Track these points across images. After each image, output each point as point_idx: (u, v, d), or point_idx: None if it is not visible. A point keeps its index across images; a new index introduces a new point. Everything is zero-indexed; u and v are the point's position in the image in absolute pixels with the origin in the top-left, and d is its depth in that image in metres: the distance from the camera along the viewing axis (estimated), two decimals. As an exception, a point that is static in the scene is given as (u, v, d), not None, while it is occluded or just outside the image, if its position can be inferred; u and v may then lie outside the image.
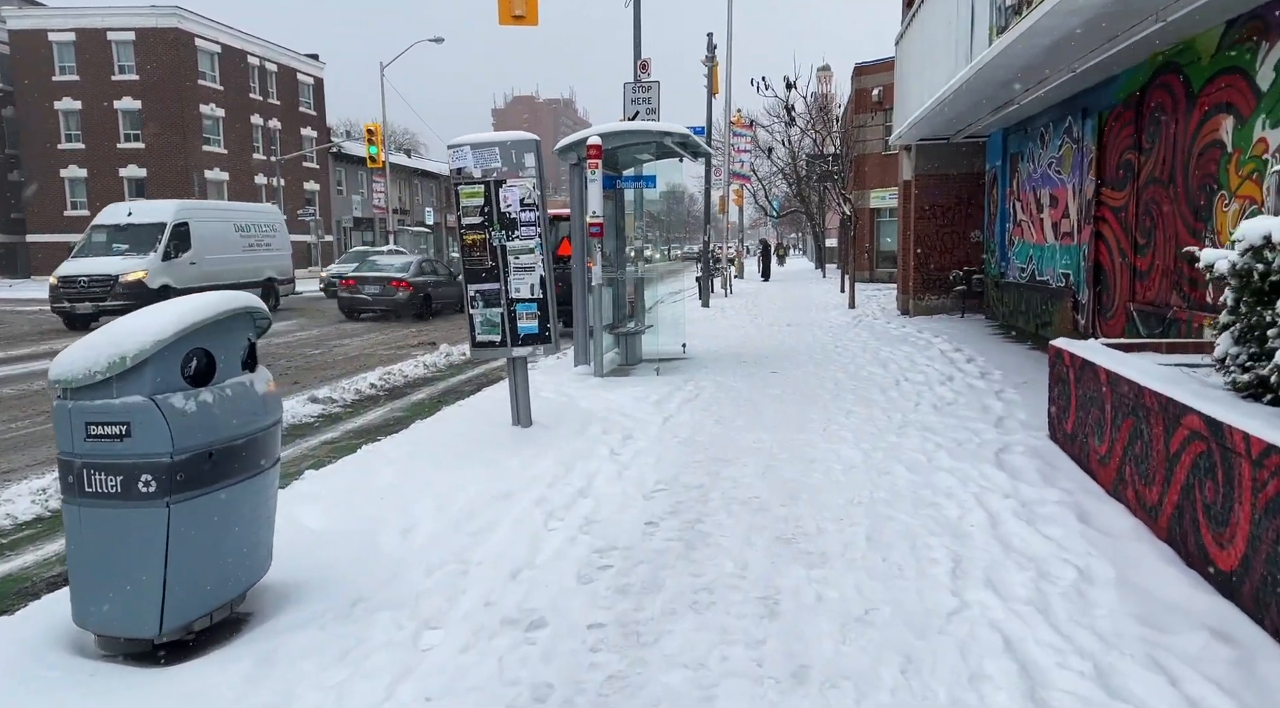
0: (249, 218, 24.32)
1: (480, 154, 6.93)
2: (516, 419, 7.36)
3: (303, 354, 14.34)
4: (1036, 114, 12.95)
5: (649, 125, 10.63)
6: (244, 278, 22.36)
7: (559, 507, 5.34)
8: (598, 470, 6.15)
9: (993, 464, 5.91)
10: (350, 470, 6.23)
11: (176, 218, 21.08)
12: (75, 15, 42.78)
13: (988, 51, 9.04)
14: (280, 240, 25.51)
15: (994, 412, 7.63)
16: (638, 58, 15.14)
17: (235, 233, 23.10)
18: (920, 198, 17.17)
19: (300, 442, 8.00)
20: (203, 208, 23.22)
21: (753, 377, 10.21)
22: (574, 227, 10.44)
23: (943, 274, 17.18)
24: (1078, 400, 5.76)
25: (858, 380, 9.60)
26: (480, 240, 7.02)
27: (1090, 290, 10.89)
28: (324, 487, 5.80)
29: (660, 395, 8.96)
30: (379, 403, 9.98)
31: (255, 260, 23.86)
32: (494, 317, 7.10)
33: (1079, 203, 11.40)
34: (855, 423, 7.44)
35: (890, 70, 31.60)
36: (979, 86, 10.51)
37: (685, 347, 12.62)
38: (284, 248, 25.68)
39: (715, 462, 6.37)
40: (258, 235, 24.22)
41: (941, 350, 11.54)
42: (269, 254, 24.65)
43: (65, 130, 43.32)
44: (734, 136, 29.42)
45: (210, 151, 45.00)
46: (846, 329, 15.33)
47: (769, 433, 7.23)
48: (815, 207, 41.28)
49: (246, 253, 23.51)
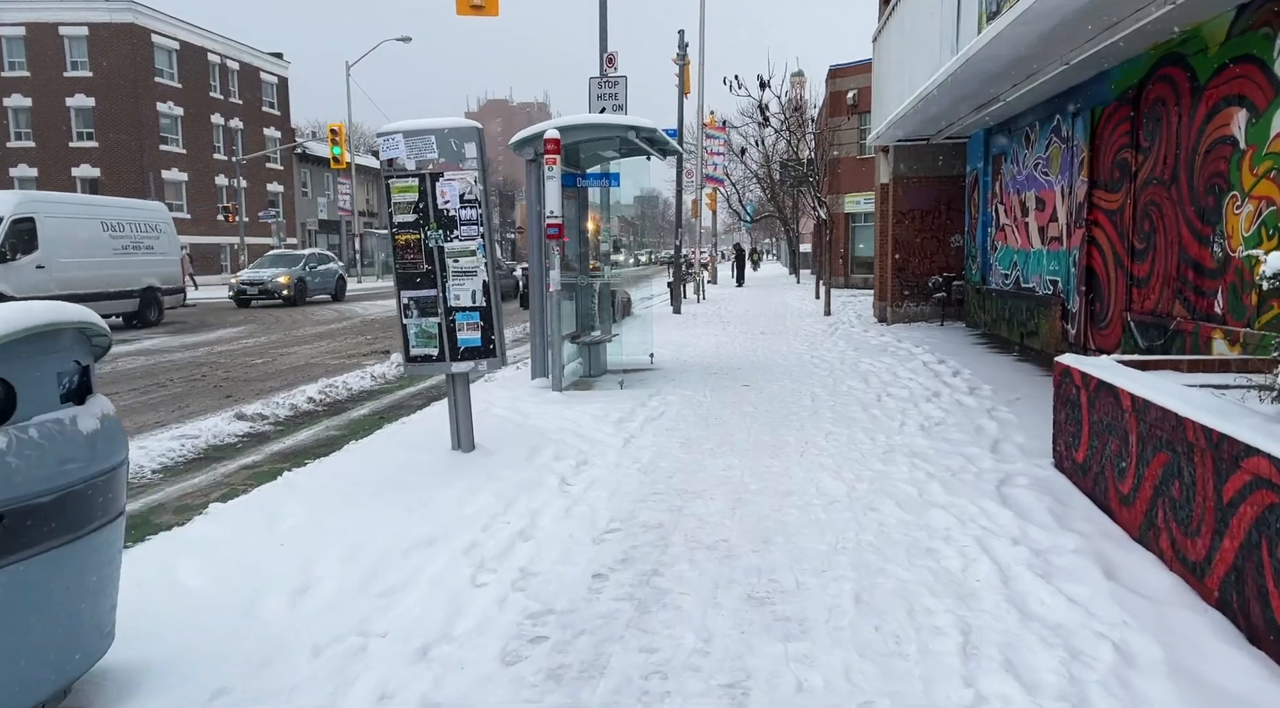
0: (123, 215, 20.62)
1: (414, 143, 6.10)
2: (457, 443, 6.53)
3: (243, 364, 13.39)
4: (1022, 112, 12.32)
5: (612, 119, 9.85)
6: (114, 286, 19.60)
7: (492, 555, 4.52)
8: (544, 506, 5.34)
9: (994, 499, 5.17)
10: (255, 508, 5.37)
11: (17, 212, 17.69)
12: (25, 9, 41.29)
13: (977, 40, 8.35)
14: (166, 242, 21.90)
15: (988, 433, 6.90)
16: (604, 50, 14.37)
17: (103, 233, 19.64)
18: (898, 201, 16.52)
19: (216, 467, 7.12)
20: (57, 201, 19.64)
21: (723, 391, 9.45)
22: (530, 228, 9.62)
23: (922, 280, 16.54)
24: (1092, 427, 5.03)
25: (837, 396, 8.86)
26: (414, 241, 6.20)
27: (1082, 299, 10.24)
28: (219, 530, 4.94)
29: (622, 413, 8.17)
30: (316, 420, 9.09)
31: (130, 266, 20.31)
32: (430, 327, 6.28)
33: (1068, 206, 10.76)
34: (836, 447, 6.68)
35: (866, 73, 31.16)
36: (965, 81, 9.82)
37: (653, 357, 11.85)
38: (170, 251, 22.07)
39: (679, 494, 5.59)
40: (135, 236, 20.58)
41: (924, 362, 10.84)
42: (150, 258, 20.98)
43: (15, 128, 41.79)
44: (707, 138, 28.73)
45: (168, 151, 43.63)
46: (823, 338, 14.62)
47: (740, 458, 6.45)
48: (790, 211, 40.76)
49: (119, 256, 19.96)
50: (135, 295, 20.38)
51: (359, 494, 5.54)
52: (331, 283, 29.74)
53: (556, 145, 8.66)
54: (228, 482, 6.68)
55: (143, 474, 6.86)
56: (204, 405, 9.82)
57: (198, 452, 7.62)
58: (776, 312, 21.28)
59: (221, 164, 46.71)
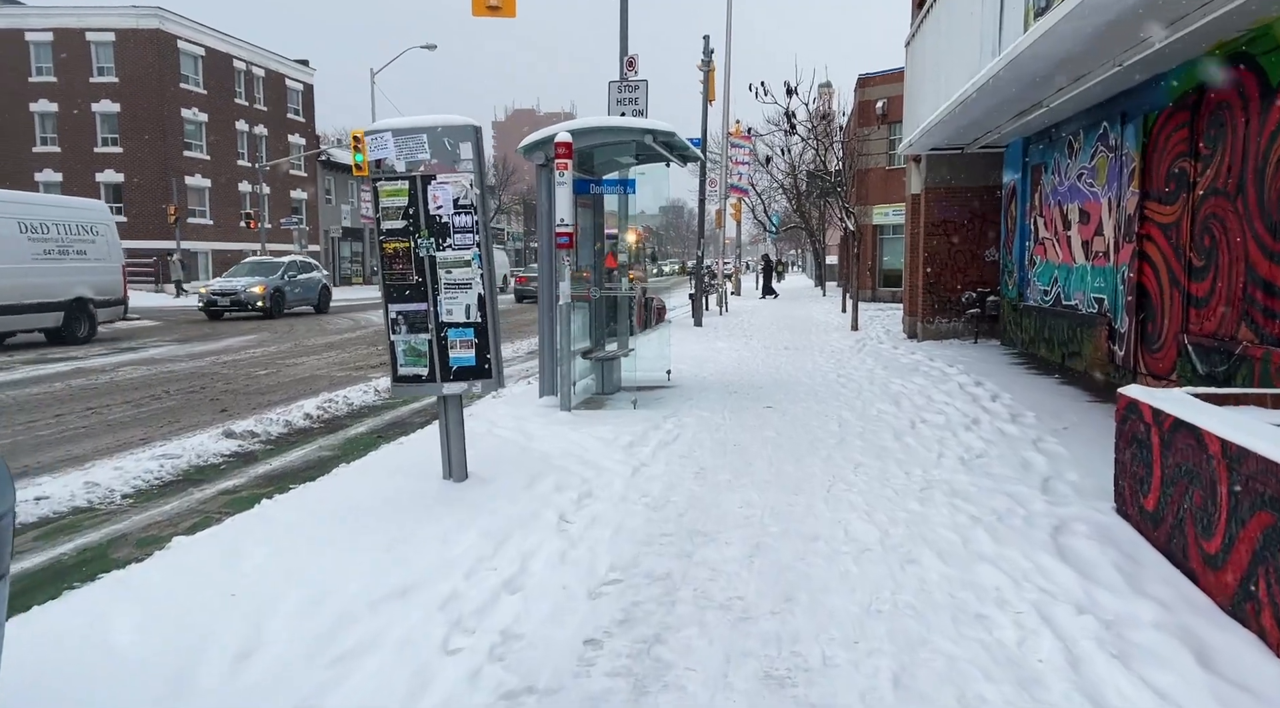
0: (47, 214, 17.59)
1: (404, 142, 5.56)
2: (449, 472, 5.96)
3: (246, 375, 12.93)
4: (1065, 119, 11.63)
5: (627, 121, 9.29)
6: (31, 297, 16.64)
7: (472, 611, 3.94)
8: (537, 548, 4.75)
9: (1051, 552, 4.51)
10: (218, 544, 4.82)
11: None
12: (53, 14, 41.50)
13: (1023, 38, 7.71)
14: (103, 247, 18.72)
15: (1036, 469, 6.23)
16: (624, 53, 13.84)
17: (21, 235, 16.72)
18: (930, 213, 15.84)
19: (193, 492, 6.59)
20: None
21: (744, 412, 8.83)
22: (540, 236, 9.07)
23: (954, 296, 15.83)
24: (1165, 471, 4.37)
25: (866, 421, 8.21)
26: (403, 250, 5.64)
27: (1131, 318, 9.52)
28: (170, 572, 4.39)
29: (634, 436, 7.57)
30: (310, 438, 8.57)
31: (55, 274, 17.34)
32: (420, 345, 5.72)
33: (1116, 219, 10.05)
34: (866, 482, 6.04)
35: (895, 82, 30.50)
36: (1006, 83, 9.17)
37: (670, 373, 11.24)
38: (108, 257, 18.81)
39: (690, 536, 4.97)
40: (62, 239, 17.65)
41: (960, 384, 10.15)
42: (81, 265, 17.88)
43: (41, 133, 41.96)
44: (732, 147, 28.15)
45: (192, 157, 43.64)
46: (850, 355, 13.95)
47: (760, 493, 5.83)
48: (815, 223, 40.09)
49: (40, 263, 17.03)
50: (59, 308, 17.46)
51: (335, 530, 4.98)
52: (314, 293, 27.27)
53: (568, 149, 8.11)
54: (201, 509, 6.15)
55: (112, 499, 6.35)
56: (196, 420, 9.34)
57: (177, 473, 7.10)
58: (801, 325, 20.62)
59: (245, 170, 46.70)
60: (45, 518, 5.88)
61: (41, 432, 8.69)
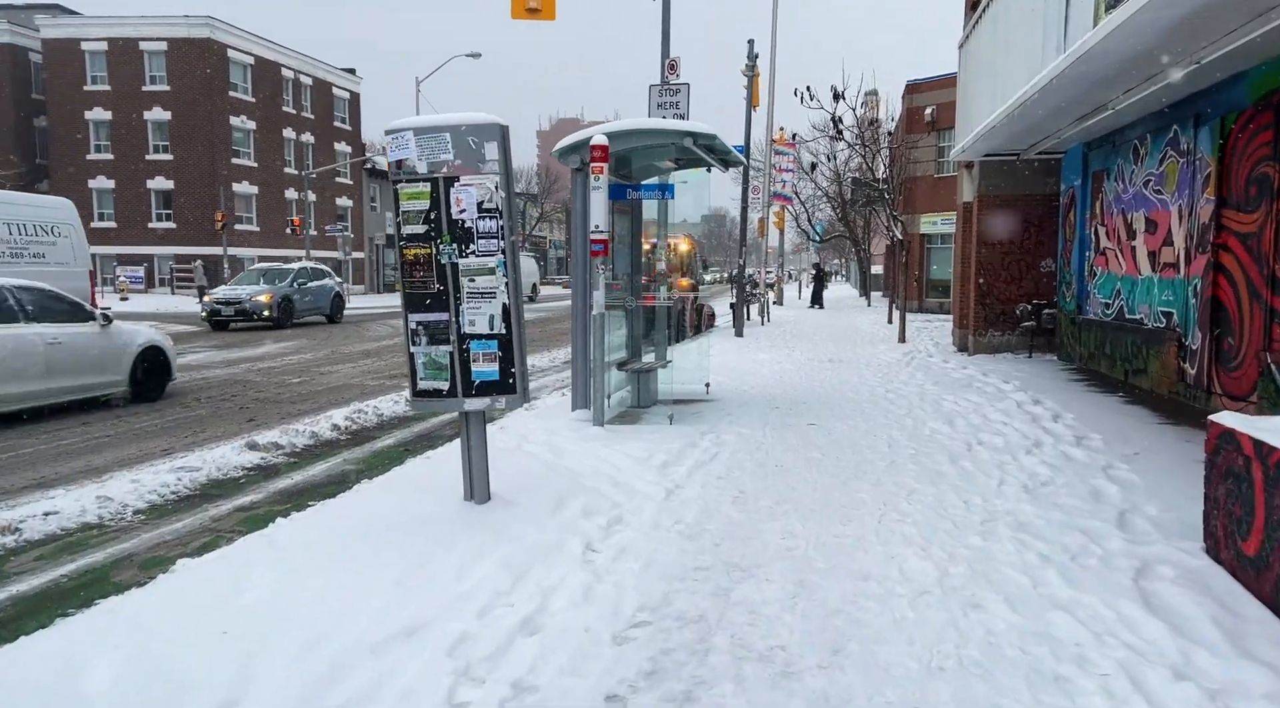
0: None
1: (426, 142, 5.22)
2: (470, 493, 5.59)
3: (279, 383, 12.74)
4: (1131, 123, 10.99)
5: (666, 123, 8.89)
6: None
7: (483, 656, 3.55)
8: (560, 582, 4.36)
9: (1135, 599, 4.00)
10: (217, 573, 4.49)
11: None
12: (108, 24, 42.35)
13: (1092, 33, 7.17)
14: (66, 250, 16.19)
15: (1109, 500, 5.69)
16: (665, 56, 13.47)
17: None
18: (984, 222, 15.21)
19: (208, 508, 6.31)
20: None
21: (786, 430, 8.36)
22: (574, 244, 8.72)
23: (1008, 308, 15.17)
24: (1272, 513, 3.84)
25: (918, 442, 7.70)
26: (424, 256, 5.30)
27: (1205, 334, 8.89)
28: (161, 606, 4.06)
29: (669, 455, 7.15)
30: (335, 451, 8.28)
31: None
32: (441, 357, 5.36)
33: (1188, 228, 9.42)
34: (921, 511, 5.56)
35: (945, 88, 29.75)
36: (1071, 83, 8.61)
37: (709, 386, 10.81)
38: (71, 261, 16.21)
39: (727, 571, 4.54)
40: (16, 241, 15.33)
41: (1017, 402, 9.57)
42: (40, 270, 14.82)
43: (95, 141, 42.78)
44: (775, 154, 27.63)
45: (240, 165, 44.22)
46: (898, 368, 13.39)
47: (804, 522, 5.38)
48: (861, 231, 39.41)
49: None
50: None
51: (345, 558, 4.63)
52: (325, 302, 25.91)
53: (603, 153, 7.74)
54: (214, 527, 5.86)
55: (124, 515, 6.09)
56: (222, 430, 9.11)
57: (195, 487, 6.84)
58: (846, 336, 20.03)
59: (291, 178, 47.21)
60: (52, 535, 5.63)
61: (66, 440, 8.52)
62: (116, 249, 42.35)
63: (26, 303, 9.64)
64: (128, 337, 10.75)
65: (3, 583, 4.81)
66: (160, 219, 43.15)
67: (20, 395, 9.30)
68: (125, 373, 10.57)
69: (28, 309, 9.59)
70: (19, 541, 5.49)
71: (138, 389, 10.74)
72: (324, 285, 25.95)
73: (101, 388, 10.36)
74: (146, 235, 42.93)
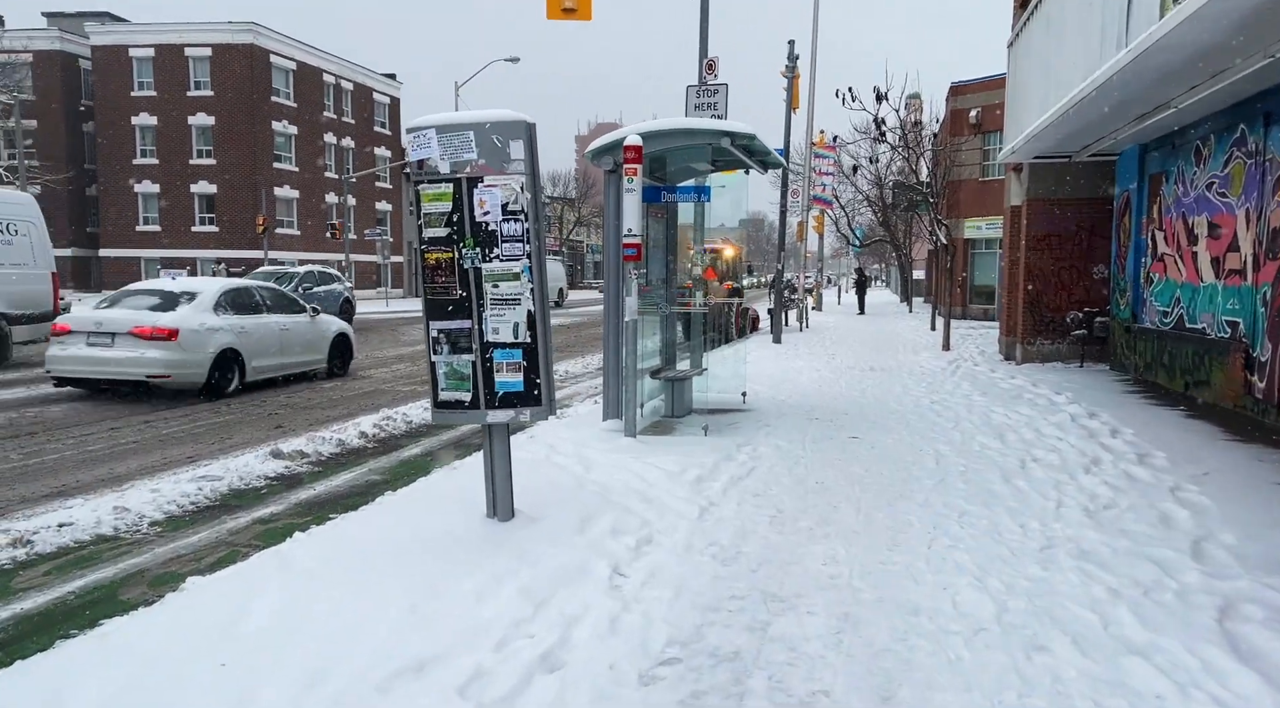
0: None
1: (449, 140, 4.96)
2: (493, 510, 5.32)
3: (312, 387, 12.62)
4: (1192, 123, 10.46)
5: (702, 123, 8.58)
6: None
7: (498, 697, 3.26)
8: (584, 611, 4.06)
9: (1221, 645, 3.60)
10: (226, 593, 4.26)
11: None
12: (155, 31, 43.06)
13: (1158, 25, 6.73)
14: (25, 249, 14.72)
15: (1180, 526, 5.26)
16: (704, 56, 13.16)
17: None
18: (1033, 226, 14.68)
19: (226, 520, 6.10)
20: None
21: (827, 443, 8.00)
22: (606, 248, 8.43)
23: (1058, 315, 14.62)
24: (1378, 551, 3.42)
25: (968, 458, 7.29)
26: (446, 261, 5.05)
27: (1276, 345, 8.36)
28: (161, 631, 3.83)
29: (703, 469, 6.83)
30: (361, 460, 8.08)
31: None
32: (463, 367, 5.10)
33: (1256, 233, 8.89)
34: (974, 536, 5.17)
35: (990, 90, 29.09)
36: (1131, 81, 8.15)
37: (745, 395, 10.45)
38: (31, 262, 14.83)
39: (765, 602, 4.21)
40: None
41: (1071, 415, 9.10)
42: None
43: (140, 145, 43.50)
44: (815, 157, 27.18)
45: (281, 169, 44.68)
46: (943, 378, 12.92)
47: (847, 546, 5.02)
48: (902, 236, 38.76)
49: None
50: None
51: (358, 579, 4.37)
52: (334, 308, 23.59)
53: (638, 153, 7.44)
54: (230, 541, 5.65)
55: (140, 527, 5.90)
56: (249, 437, 8.96)
57: (215, 497, 6.65)
58: (888, 343, 19.54)
59: (332, 182, 47.61)
60: (64, 548, 5.45)
61: (92, 446, 8.41)
62: (160, 253, 43.00)
63: (267, 298, 12.55)
64: (326, 326, 13.53)
65: (8, 600, 4.63)
66: (203, 223, 43.74)
67: (266, 368, 12.19)
68: (325, 354, 13.32)
69: (268, 303, 12.46)
70: (30, 554, 5.32)
71: (331, 367, 13.41)
72: (332, 290, 24.39)
73: (310, 365, 13.09)
74: (190, 239, 43.53)
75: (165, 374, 10.73)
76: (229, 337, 11.43)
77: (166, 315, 10.94)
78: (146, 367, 10.67)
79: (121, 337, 10.73)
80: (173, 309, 11.08)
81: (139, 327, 10.75)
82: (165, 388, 11.04)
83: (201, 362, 11.02)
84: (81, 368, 10.86)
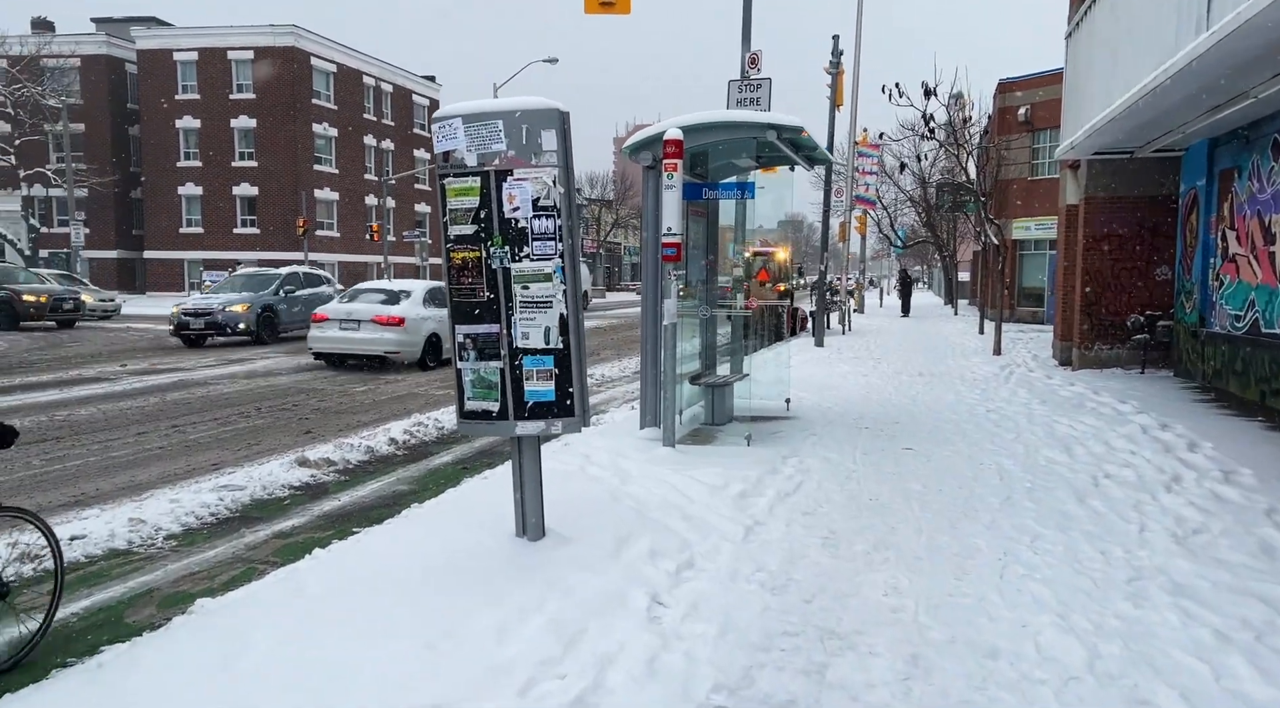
0: None
1: (476, 131, 4.59)
2: (522, 528, 4.94)
3: (343, 391, 12.38)
4: (1267, 115, 9.79)
5: (746, 115, 8.14)
6: None
7: (520, 755, 2.86)
8: (620, 649, 3.65)
9: (1358, 706, 3.10)
10: (231, 622, 3.92)
11: None
12: (199, 34, 43.55)
13: (1248, 4, 6.17)
14: None
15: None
16: (746, 50, 12.72)
17: None
18: (1091, 226, 13.99)
19: (245, 534, 5.80)
20: None
21: (878, 455, 7.52)
22: (645, 248, 8.03)
23: (1118, 319, 13.91)
24: None
25: (1034, 473, 6.77)
26: (473, 260, 4.67)
27: (1369, 353, 7.72)
28: (154, 670, 3.50)
29: (746, 483, 6.39)
30: (389, 468, 7.76)
31: None
32: (490, 374, 4.72)
33: (1346, 230, 8.24)
34: (1050, 564, 4.68)
35: (1041, 86, 28.22)
36: (1212, 67, 7.56)
37: (789, 401, 9.98)
38: None
39: (821, 639, 3.78)
40: None
41: (1141, 426, 8.51)
42: None
43: (184, 148, 44.02)
44: (859, 157, 26.53)
45: (321, 171, 44.94)
46: (997, 384, 12.33)
47: (909, 574, 4.56)
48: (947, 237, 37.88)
49: None
50: None
51: (371, 607, 4.01)
52: None
53: (678, 148, 7.03)
54: (247, 557, 5.34)
55: (154, 540, 5.62)
56: (277, 443, 8.70)
57: (235, 509, 6.36)
58: (935, 346, 18.90)
59: (371, 184, 47.82)
60: (75, 563, 5.16)
61: (116, 452, 8.19)
62: (203, 254, 43.46)
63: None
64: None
65: (9, 622, 4.33)
66: (245, 225, 44.12)
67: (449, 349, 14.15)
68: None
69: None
70: (37, 569, 5.04)
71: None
72: (318, 294, 21.48)
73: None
74: (232, 241, 43.93)
75: (397, 351, 14.63)
76: (433, 324, 14.89)
77: (394, 308, 14.61)
78: (385, 345, 14.52)
79: (365, 323, 14.44)
80: (397, 303, 14.73)
81: (379, 315, 14.45)
82: (395, 361, 14.95)
83: (418, 343, 14.80)
84: (337, 345, 14.68)
